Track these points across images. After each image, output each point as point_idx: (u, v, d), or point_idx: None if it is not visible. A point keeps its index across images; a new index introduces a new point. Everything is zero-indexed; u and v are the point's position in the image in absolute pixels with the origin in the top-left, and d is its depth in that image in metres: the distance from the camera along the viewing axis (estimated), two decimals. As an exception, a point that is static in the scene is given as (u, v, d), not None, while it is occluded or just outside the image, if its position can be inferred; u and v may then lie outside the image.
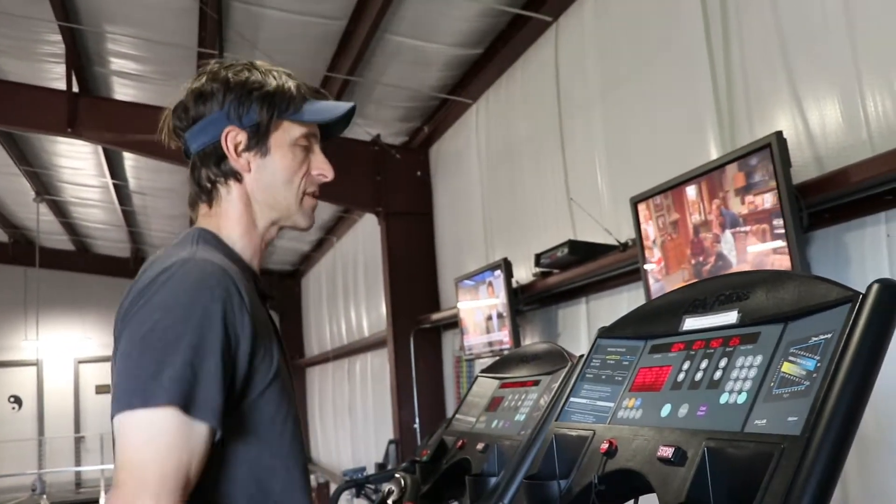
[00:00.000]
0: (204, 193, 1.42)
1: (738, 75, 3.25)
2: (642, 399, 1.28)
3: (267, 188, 1.41)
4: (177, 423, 1.13)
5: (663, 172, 3.39)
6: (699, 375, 1.20)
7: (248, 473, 1.26)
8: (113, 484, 1.13)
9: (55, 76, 6.52)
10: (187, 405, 1.14)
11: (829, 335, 1.01)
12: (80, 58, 6.31)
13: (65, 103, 6.34)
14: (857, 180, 2.60)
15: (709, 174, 3.03)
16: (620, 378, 1.37)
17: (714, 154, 3.32)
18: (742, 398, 1.09)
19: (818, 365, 1.00)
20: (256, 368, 1.25)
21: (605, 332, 1.49)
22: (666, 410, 1.21)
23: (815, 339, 1.03)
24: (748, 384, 1.10)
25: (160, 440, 1.12)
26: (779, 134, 2.74)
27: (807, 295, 1.08)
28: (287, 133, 1.41)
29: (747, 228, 2.85)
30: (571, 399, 1.45)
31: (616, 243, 3.94)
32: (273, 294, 1.48)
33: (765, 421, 1.03)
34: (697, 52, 3.45)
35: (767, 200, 2.75)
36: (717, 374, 1.16)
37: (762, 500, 0.94)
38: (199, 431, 1.15)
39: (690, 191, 3.14)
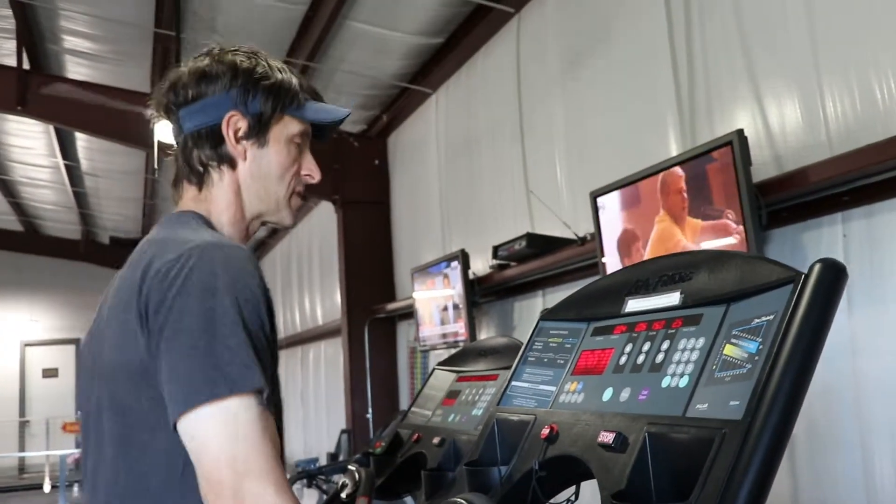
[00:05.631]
0: (194, 175, 1.39)
1: (699, 72, 3.26)
2: (584, 383, 1.25)
3: (259, 179, 1.39)
4: (260, 408, 1.12)
5: (623, 167, 3.39)
6: (641, 358, 1.17)
7: None
8: (208, 480, 1.09)
9: (5, 52, 6.34)
10: (260, 389, 1.12)
11: (771, 316, 0.98)
12: (32, 34, 6.15)
13: (15, 80, 6.18)
14: (815, 180, 2.62)
15: (669, 169, 3.03)
16: (563, 361, 1.34)
17: (674, 150, 3.32)
18: (684, 381, 1.06)
19: (760, 347, 0.97)
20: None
21: (547, 315, 1.46)
22: (608, 394, 1.18)
23: (757, 320, 1.01)
24: (690, 367, 1.07)
25: (254, 426, 1.10)
26: (740, 132, 2.75)
27: (749, 275, 1.05)
28: (286, 128, 1.40)
29: (707, 224, 2.85)
30: (513, 383, 1.42)
31: (574, 237, 3.92)
32: None
33: (706, 405, 1.00)
34: (660, 48, 3.45)
35: (727, 198, 2.75)
36: (660, 357, 1.13)
37: (703, 486, 0.91)
38: (269, 414, 1.14)
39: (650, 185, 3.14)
